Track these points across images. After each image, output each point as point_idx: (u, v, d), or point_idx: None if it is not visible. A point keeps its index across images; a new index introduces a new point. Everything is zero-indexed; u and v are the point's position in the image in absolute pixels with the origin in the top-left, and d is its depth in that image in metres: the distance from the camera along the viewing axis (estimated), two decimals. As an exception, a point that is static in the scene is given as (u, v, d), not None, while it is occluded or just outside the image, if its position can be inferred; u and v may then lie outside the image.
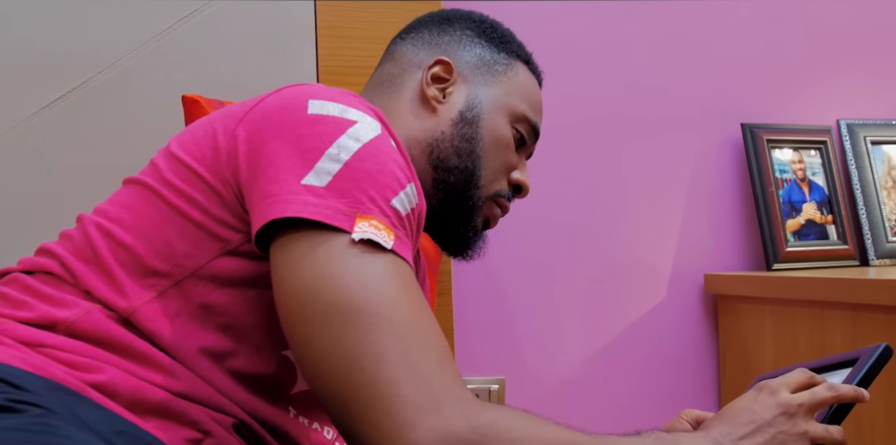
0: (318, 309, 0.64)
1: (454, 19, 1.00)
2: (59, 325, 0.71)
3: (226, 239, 0.74)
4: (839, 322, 1.40)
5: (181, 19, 1.41)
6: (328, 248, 0.65)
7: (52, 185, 1.35)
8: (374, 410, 0.61)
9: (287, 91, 0.78)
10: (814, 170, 1.80)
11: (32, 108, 1.34)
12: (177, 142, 0.80)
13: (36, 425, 0.57)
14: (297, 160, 0.69)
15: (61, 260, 0.76)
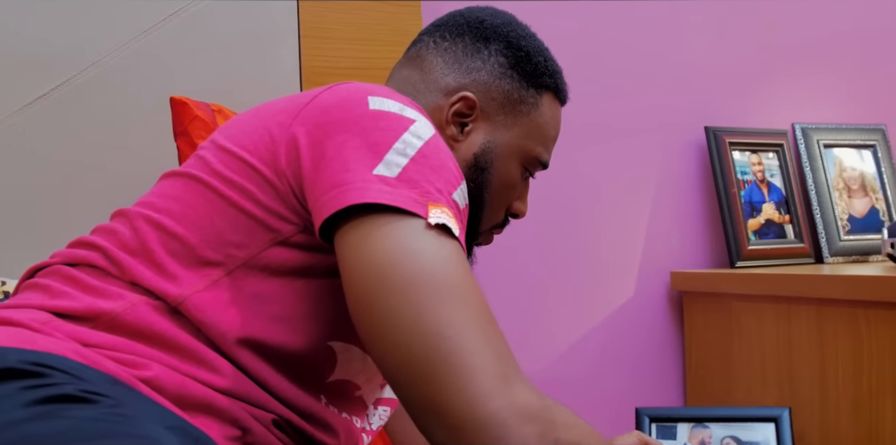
0: (401, 281, 0.66)
1: (491, 38, 0.96)
2: (102, 317, 0.72)
3: (277, 229, 0.75)
4: (805, 316, 1.47)
5: (165, 18, 1.40)
6: (406, 228, 0.68)
7: (35, 183, 1.34)
8: (459, 378, 0.62)
9: (342, 87, 0.80)
10: (772, 171, 1.88)
11: (15, 106, 1.33)
12: (224, 137, 0.81)
13: (112, 415, 0.58)
14: (366, 151, 0.72)
15: (106, 253, 0.76)
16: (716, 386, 1.68)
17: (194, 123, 1.23)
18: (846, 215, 1.91)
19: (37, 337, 0.68)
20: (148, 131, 1.39)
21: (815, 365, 1.45)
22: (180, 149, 1.25)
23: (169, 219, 0.77)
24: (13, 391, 0.58)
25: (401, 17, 1.56)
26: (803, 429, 1.47)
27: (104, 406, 0.59)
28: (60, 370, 0.62)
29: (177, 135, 1.25)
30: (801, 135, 1.92)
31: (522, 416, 0.63)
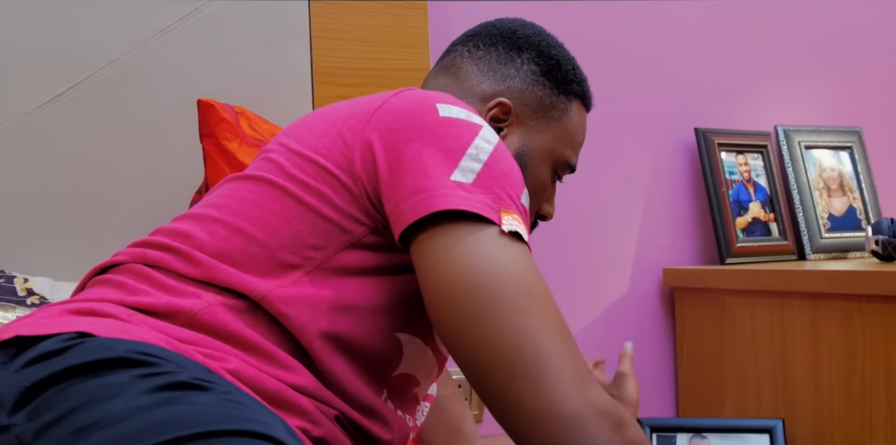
0: (486, 287, 0.69)
1: (523, 47, 1.01)
2: (180, 315, 0.74)
3: (351, 231, 0.78)
4: (798, 311, 1.53)
5: (181, 18, 1.42)
6: (485, 236, 0.72)
7: (53, 181, 1.35)
8: (542, 378, 0.67)
9: (408, 94, 0.83)
10: (757, 172, 1.95)
11: (33, 104, 1.33)
12: (295, 141, 0.83)
13: (227, 401, 0.60)
14: (442, 158, 0.75)
15: (182, 254, 0.78)
16: (708, 380, 1.75)
17: (221, 125, 1.25)
18: (826, 214, 1.98)
19: (130, 328, 0.69)
20: (164, 130, 1.41)
21: (808, 359, 1.52)
22: (206, 151, 1.26)
23: (248, 223, 0.78)
24: (129, 379, 0.60)
25: (408, 19, 1.59)
26: (797, 424, 1.53)
27: (217, 392, 0.61)
28: (164, 358, 0.64)
29: (203, 136, 1.27)
30: (784, 136, 1.99)
31: (598, 414, 0.67)
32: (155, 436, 0.54)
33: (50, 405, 0.59)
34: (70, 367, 0.61)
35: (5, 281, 1.25)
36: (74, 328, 0.67)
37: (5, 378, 0.62)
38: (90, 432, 0.55)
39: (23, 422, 0.59)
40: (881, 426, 1.38)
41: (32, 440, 0.57)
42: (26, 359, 0.63)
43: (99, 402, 0.58)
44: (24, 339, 0.66)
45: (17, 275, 1.27)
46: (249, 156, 1.24)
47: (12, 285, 1.25)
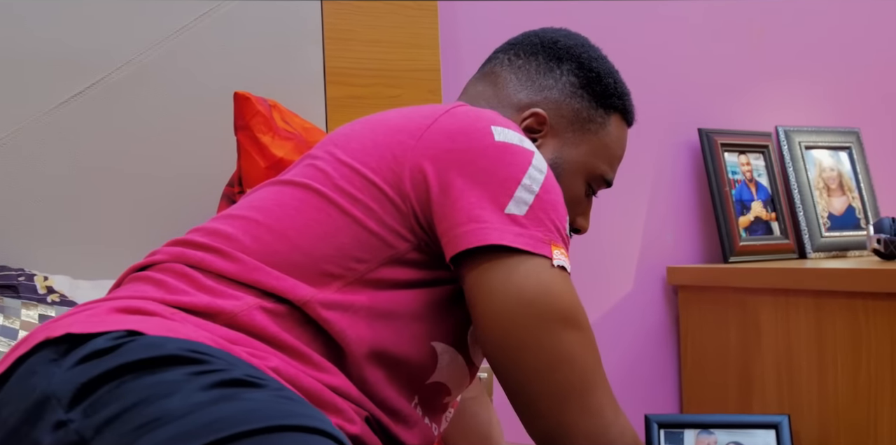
0: (539, 317, 0.75)
1: (564, 58, 1.00)
2: (221, 315, 0.75)
3: (395, 247, 0.79)
4: (803, 308, 1.56)
5: (196, 19, 1.43)
6: (539, 269, 0.76)
7: (70, 179, 1.36)
8: (589, 407, 0.74)
9: (461, 112, 0.83)
10: (759, 171, 1.97)
11: (51, 104, 1.34)
12: (343, 151, 0.83)
13: (281, 398, 0.62)
14: (498, 188, 0.77)
15: (224, 254, 0.78)
16: (712, 377, 1.77)
17: (256, 118, 1.27)
18: (826, 213, 2.01)
19: (176, 326, 0.70)
20: (179, 129, 1.42)
21: (813, 356, 1.54)
22: (241, 143, 1.28)
23: (293, 230, 0.79)
24: (182, 376, 0.62)
25: (418, 20, 1.61)
26: (802, 420, 1.56)
27: (270, 389, 0.63)
28: (214, 356, 0.65)
29: (238, 128, 1.28)
30: (784, 137, 2.02)
31: (634, 440, 0.77)
32: (216, 432, 0.56)
33: (106, 401, 0.60)
34: (123, 364, 0.62)
35: (26, 280, 1.26)
36: (124, 326, 0.68)
37: (59, 376, 0.63)
38: (152, 428, 0.57)
39: (80, 418, 0.60)
40: (886, 421, 1.41)
41: (93, 435, 0.59)
42: (79, 357, 0.64)
43: (157, 399, 0.59)
44: (75, 336, 0.67)
45: (37, 274, 1.28)
46: (282, 149, 1.26)
47: (33, 283, 1.26)
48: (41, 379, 0.64)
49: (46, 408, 0.61)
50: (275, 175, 1.25)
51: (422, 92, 1.60)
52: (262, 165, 1.27)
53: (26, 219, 1.33)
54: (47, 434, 0.60)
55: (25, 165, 1.33)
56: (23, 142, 1.33)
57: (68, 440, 0.59)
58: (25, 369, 0.66)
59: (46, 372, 0.64)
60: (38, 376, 0.65)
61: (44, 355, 0.67)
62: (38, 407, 0.62)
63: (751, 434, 1.54)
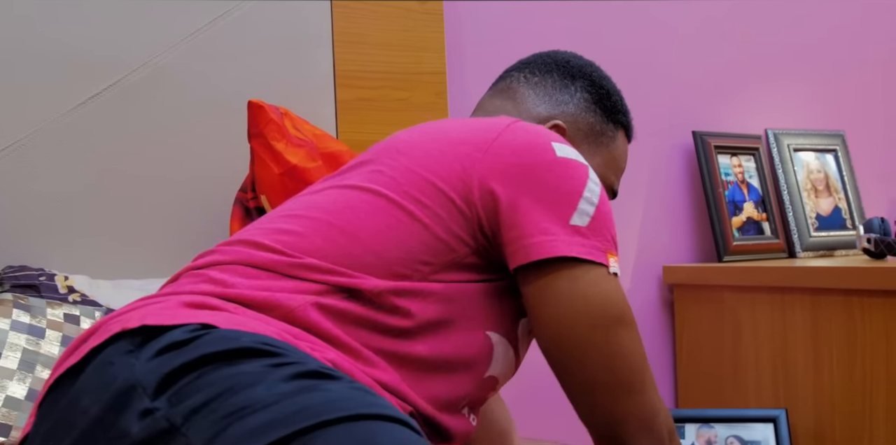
0: (605, 321, 0.82)
1: (577, 76, 1.06)
2: (278, 310, 0.77)
3: (457, 250, 0.83)
4: (799, 306, 1.61)
5: (210, 22, 1.45)
6: (599, 277, 0.83)
7: (86, 180, 1.37)
8: (642, 399, 0.83)
9: (520, 128, 0.88)
10: (750, 173, 2.03)
11: (70, 105, 1.36)
12: (408, 158, 0.86)
13: (357, 389, 0.64)
14: (563, 199, 0.83)
15: (291, 256, 0.81)
16: (707, 374, 1.82)
17: (269, 126, 1.29)
18: (814, 213, 2.07)
19: (245, 320, 0.73)
20: (194, 130, 1.44)
21: (809, 352, 1.59)
22: (255, 150, 1.30)
23: (364, 233, 0.82)
24: (261, 367, 0.64)
25: (425, 24, 1.64)
26: (797, 414, 1.61)
27: (346, 381, 0.66)
28: (285, 349, 0.68)
29: (252, 136, 1.30)
30: (773, 139, 2.08)
31: (671, 428, 0.87)
32: (304, 420, 0.58)
33: (190, 391, 0.63)
34: (203, 356, 0.65)
35: (47, 279, 1.27)
36: (197, 319, 0.70)
37: (141, 366, 0.66)
38: (242, 415, 0.59)
39: (165, 406, 0.62)
40: (882, 415, 1.46)
41: (183, 422, 0.61)
42: (157, 348, 0.67)
43: (243, 388, 0.62)
44: (150, 328, 0.69)
45: (58, 273, 1.29)
46: (295, 156, 1.28)
47: (53, 283, 1.27)
48: (120, 370, 0.66)
49: (132, 397, 0.63)
50: (289, 181, 1.28)
51: (428, 94, 1.64)
52: (276, 172, 1.29)
53: (44, 219, 1.34)
54: (134, 421, 0.62)
55: (43, 166, 1.34)
56: (41, 143, 1.34)
57: (158, 427, 0.61)
58: (101, 359, 0.69)
59: (124, 363, 0.67)
60: (115, 366, 0.67)
61: (119, 346, 0.69)
62: (122, 396, 0.64)
63: (749, 427, 1.59)
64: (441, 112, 1.64)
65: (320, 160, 1.31)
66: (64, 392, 0.70)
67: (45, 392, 0.73)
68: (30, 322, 1.14)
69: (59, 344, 1.14)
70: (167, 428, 0.61)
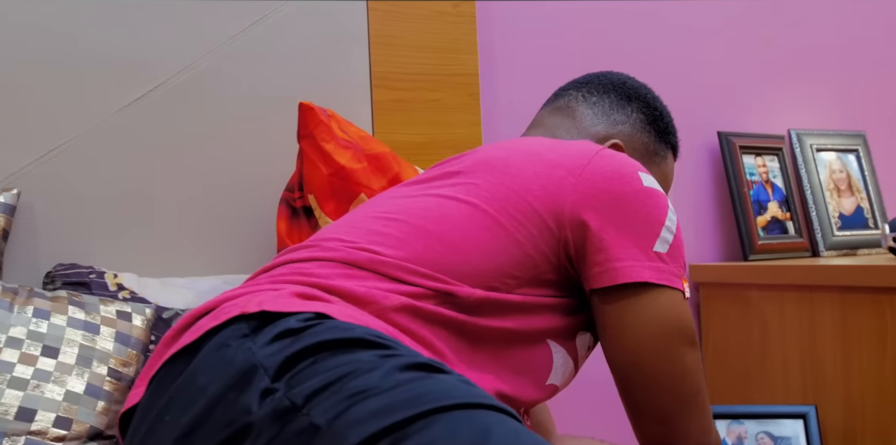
0: (672, 343, 0.88)
1: (633, 98, 1.12)
2: (373, 305, 0.81)
3: (540, 266, 0.88)
4: (828, 304, 1.63)
5: (251, 24, 1.48)
6: (675, 301, 0.89)
7: (135, 178, 1.40)
8: (697, 409, 0.89)
9: (609, 155, 0.93)
10: (774, 173, 2.05)
11: (115, 107, 1.38)
12: (503, 174, 0.91)
13: (463, 381, 0.68)
14: (648, 228, 0.89)
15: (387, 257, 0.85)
16: (733, 372, 1.84)
17: (319, 127, 1.31)
18: (837, 213, 2.09)
19: (353, 313, 0.77)
20: (236, 131, 1.47)
21: (837, 349, 1.61)
22: (305, 151, 1.33)
23: (463, 245, 0.87)
24: (374, 357, 0.68)
25: (458, 26, 1.67)
26: (826, 412, 1.63)
27: (454, 373, 0.69)
28: (393, 342, 0.72)
29: (302, 137, 1.33)
30: (796, 139, 2.10)
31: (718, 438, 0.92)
32: (422, 405, 0.62)
33: (308, 374, 0.66)
34: (320, 343, 0.69)
35: (97, 277, 1.30)
36: (311, 309, 0.74)
37: (260, 349, 0.70)
38: (363, 398, 0.63)
39: (284, 388, 0.66)
40: (912, 409, 1.48)
41: (304, 403, 0.64)
42: (274, 333, 0.71)
43: (361, 374, 0.65)
44: (267, 314, 0.73)
45: (107, 271, 1.32)
46: (343, 157, 1.31)
47: (103, 280, 1.30)
48: (238, 352, 0.70)
49: (253, 377, 0.67)
50: (337, 181, 1.31)
51: (461, 95, 1.66)
52: (325, 172, 1.31)
53: (92, 218, 1.37)
54: (255, 400, 0.66)
55: (90, 166, 1.36)
56: (88, 144, 1.36)
57: (281, 406, 0.65)
58: (218, 340, 0.73)
59: (241, 345, 0.71)
60: (231, 348, 0.71)
61: (236, 328, 0.73)
62: (244, 376, 0.68)
63: (779, 423, 1.61)
64: (473, 113, 1.67)
65: (365, 161, 1.33)
66: (179, 368, 0.75)
67: (160, 367, 0.77)
68: (85, 318, 1.16)
69: (112, 340, 1.16)
70: (289, 407, 0.65)
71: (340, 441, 0.61)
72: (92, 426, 1.08)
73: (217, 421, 0.68)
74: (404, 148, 1.55)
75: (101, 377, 1.12)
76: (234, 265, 1.45)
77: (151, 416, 0.75)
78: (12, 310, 1.11)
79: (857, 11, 2.24)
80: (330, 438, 0.62)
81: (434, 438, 0.60)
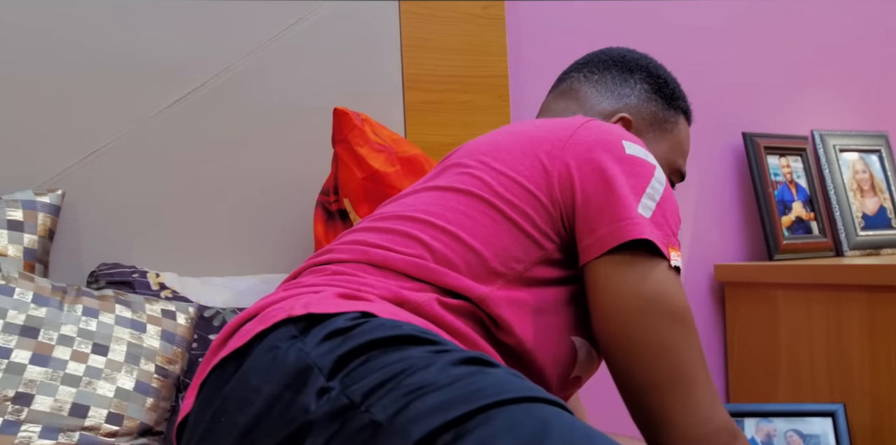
0: (655, 314, 0.83)
1: (634, 69, 1.11)
2: (407, 305, 0.82)
3: (545, 248, 0.88)
4: (855, 302, 1.64)
5: (286, 28, 1.50)
6: (660, 270, 0.85)
7: (174, 179, 1.42)
8: (689, 400, 0.81)
9: (595, 126, 0.93)
10: (798, 173, 2.06)
11: (156, 108, 1.41)
12: (494, 160, 0.91)
13: (514, 374, 0.69)
14: (629, 193, 0.86)
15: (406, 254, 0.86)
16: (758, 371, 1.85)
17: (353, 132, 1.33)
18: (860, 213, 2.11)
19: (396, 311, 0.78)
20: (272, 132, 1.49)
21: (865, 349, 1.63)
22: (339, 155, 1.35)
23: (465, 232, 0.87)
24: (427, 353, 0.69)
25: (487, 29, 1.68)
26: (853, 410, 1.64)
27: (503, 367, 0.70)
28: (440, 338, 0.73)
29: (336, 141, 1.35)
30: (819, 140, 2.11)
31: (731, 436, 0.83)
32: (482, 399, 0.63)
33: (363, 372, 0.67)
34: (371, 341, 0.70)
35: (139, 277, 1.32)
36: (356, 308, 0.75)
37: (310, 349, 0.71)
38: (422, 394, 0.64)
39: (339, 386, 0.67)
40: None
41: (362, 399, 0.65)
42: (324, 333, 0.72)
43: (417, 370, 0.66)
44: (313, 316, 0.74)
45: (149, 271, 1.34)
46: (377, 161, 1.32)
47: (146, 280, 1.32)
48: (289, 353, 0.71)
49: (309, 377, 0.68)
50: (371, 185, 1.33)
51: (491, 97, 1.68)
52: (360, 176, 1.33)
53: (132, 218, 1.39)
54: (313, 399, 0.67)
55: (131, 167, 1.39)
56: (128, 146, 1.39)
57: (340, 404, 0.66)
58: (267, 343, 0.74)
59: (291, 346, 0.72)
60: (281, 350, 0.72)
61: (284, 331, 0.74)
62: (299, 376, 0.69)
63: (807, 422, 1.62)
64: (503, 114, 1.68)
65: (398, 165, 1.35)
66: (230, 371, 0.76)
67: (210, 372, 0.78)
68: (132, 317, 1.19)
69: (158, 338, 1.19)
70: (347, 405, 0.65)
71: (403, 436, 0.62)
72: (142, 422, 1.11)
73: (276, 421, 0.69)
74: (436, 148, 1.57)
75: (149, 374, 1.15)
76: (271, 265, 1.47)
77: (206, 419, 0.76)
78: (62, 309, 1.14)
79: (881, 13, 2.25)
80: (392, 434, 0.63)
81: (495, 432, 0.61)
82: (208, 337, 1.28)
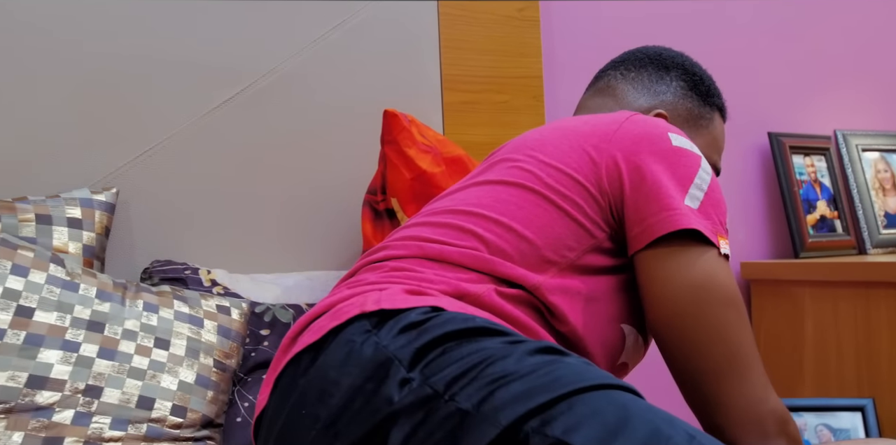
0: (710, 301, 0.84)
1: (670, 67, 1.14)
2: (467, 297, 0.85)
3: (596, 236, 0.90)
4: (884, 300, 1.67)
5: (330, 29, 1.53)
6: (711, 257, 0.86)
7: (220, 179, 1.45)
8: (743, 384, 0.83)
9: (640, 120, 0.95)
10: (822, 173, 2.10)
11: (205, 109, 1.43)
12: (542, 154, 0.94)
13: (587, 362, 0.72)
14: (676, 184, 0.89)
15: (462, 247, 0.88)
16: (785, 368, 1.88)
17: (402, 133, 1.36)
18: (882, 212, 2.14)
19: (462, 305, 0.81)
20: (317, 130, 1.52)
21: (893, 346, 1.66)
22: (388, 155, 1.38)
23: (517, 223, 0.90)
24: (501, 344, 0.72)
25: (523, 31, 1.71)
26: (882, 406, 1.67)
27: (575, 356, 0.73)
28: (508, 329, 0.76)
29: (385, 142, 1.38)
30: (842, 140, 2.14)
31: (780, 420, 0.84)
32: (562, 387, 0.66)
33: (442, 363, 0.70)
34: (446, 333, 0.72)
35: (192, 273, 1.35)
36: (426, 303, 0.78)
37: (388, 342, 0.73)
38: (504, 383, 0.67)
39: (419, 377, 0.70)
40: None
41: (445, 389, 0.68)
42: (399, 327, 0.74)
43: (496, 360, 0.69)
44: (385, 312, 0.77)
45: (200, 268, 1.37)
46: (424, 161, 1.36)
47: (198, 276, 1.35)
48: (366, 346, 0.74)
49: (390, 368, 0.71)
50: (419, 186, 1.36)
51: (527, 98, 1.71)
52: (408, 176, 1.36)
53: (182, 216, 1.42)
54: (395, 390, 0.70)
55: (181, 166, 1.42)
56: (178, 145, 1.42)
57: (424, 394, 0.68)
58: (343, 338, 0.77)
59: (367, 340, 0.75)
60: (357, 343, 0.75)
61: (358, 326, 0.77)
62: (380, 368, 0.72)
63: (837, 416, 1.66)
64: (538, 114, 1.71)
65: (444, 165, 1.38)
66: (305, 365, 0.78)
67: (284, 368, 0.81)
68: (189, 312, 1.22)
69: (215, 333, 1.22)
70: (431, 395, 0.68)
71: (490, 423, 0.65)
72: (204, 414, 1.14)
73: (359, 412, 0.71)
74: (473, 148, 1.60)
75: (208, 368, 1.18)
76: (317, 262, 1.50)
77: (285, 412, 0.78)
78: (124, 304, 1.17)
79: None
80: (480, 421, 0.65)
81: (580, 418, 0.64)
82: (259, 333, 1.31)
